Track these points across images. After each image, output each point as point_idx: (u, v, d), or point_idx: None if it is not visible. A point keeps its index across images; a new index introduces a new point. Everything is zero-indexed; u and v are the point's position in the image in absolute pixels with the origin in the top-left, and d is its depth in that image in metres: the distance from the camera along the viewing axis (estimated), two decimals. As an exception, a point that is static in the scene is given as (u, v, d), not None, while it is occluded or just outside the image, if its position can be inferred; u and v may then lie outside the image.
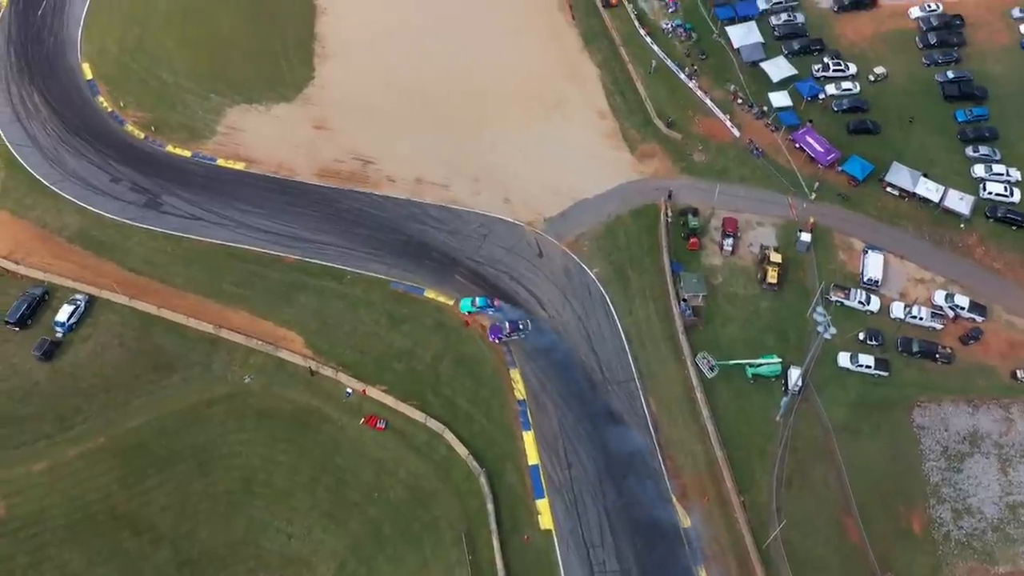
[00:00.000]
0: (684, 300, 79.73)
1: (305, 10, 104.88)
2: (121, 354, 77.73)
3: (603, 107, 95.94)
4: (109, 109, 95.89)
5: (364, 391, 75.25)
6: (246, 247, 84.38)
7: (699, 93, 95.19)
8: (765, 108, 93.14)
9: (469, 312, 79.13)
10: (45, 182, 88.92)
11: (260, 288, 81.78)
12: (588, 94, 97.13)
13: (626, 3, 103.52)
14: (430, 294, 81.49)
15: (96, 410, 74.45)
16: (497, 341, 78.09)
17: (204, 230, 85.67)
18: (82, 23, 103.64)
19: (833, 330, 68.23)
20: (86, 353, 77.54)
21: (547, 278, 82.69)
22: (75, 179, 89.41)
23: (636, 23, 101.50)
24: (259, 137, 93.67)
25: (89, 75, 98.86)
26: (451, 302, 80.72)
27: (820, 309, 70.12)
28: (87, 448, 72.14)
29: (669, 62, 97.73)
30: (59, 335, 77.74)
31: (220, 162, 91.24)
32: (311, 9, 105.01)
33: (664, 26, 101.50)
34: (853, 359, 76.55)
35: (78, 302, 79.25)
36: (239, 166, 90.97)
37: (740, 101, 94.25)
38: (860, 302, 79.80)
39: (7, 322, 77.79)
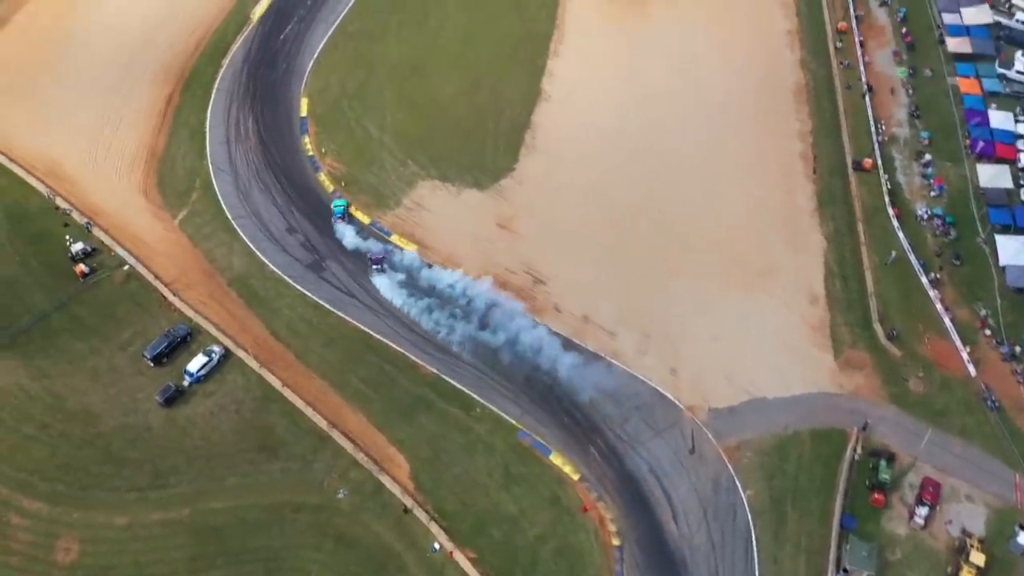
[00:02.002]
0: (844, 571, 65.66)
1: (530, 93, 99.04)
2: (235, 422, 75.23)
3: (818, 290, 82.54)
4: (310, 152, 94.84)
5: (452, 553, 67.87)
6: (388, 342, 79.50)
7: (939, 306, 79.53)
8: (1019, 349, 76.03)
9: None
10: (228, 214, 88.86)
11: (386, 394, 76.57)
12: (804, 269, 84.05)
13: (881, 171, 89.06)
14: (556, 459, 72.71)
15: (192, 475, 72.17)
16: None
17: (353, 310, 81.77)
18: (316, 55, 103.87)
19: None
20: (204, 410, 75.72)
21: (691, 484, 71.33)
22: (255, 218, 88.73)
23: (886, 198, 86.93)
24: (440, 220, 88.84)
25: (304, 111, 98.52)
26: (576, 476, 71.58)
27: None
28: (170, 516, 69.87)
29: (912, 257, 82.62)
30: (186, 384, 76.56)
31: (394, 238, 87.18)
32: (536, 93, 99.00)
33: (919, 211, 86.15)
34: None
35: (213, 354, 77.79)
36: (411, 247, 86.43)
37: (988, 332, 77.69)
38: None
39: (144, 355, 77.66)
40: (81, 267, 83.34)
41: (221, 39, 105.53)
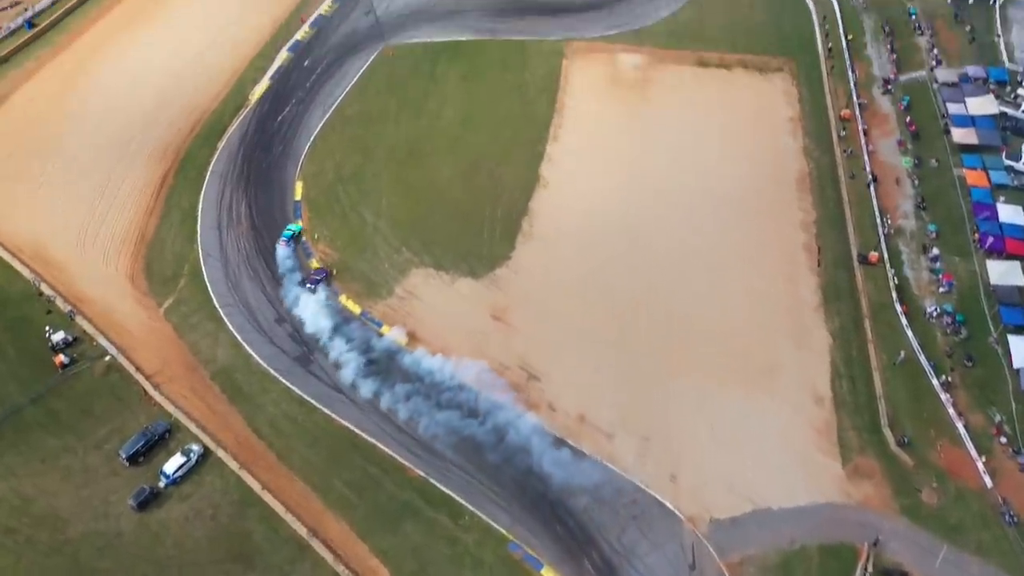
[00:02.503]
0: None
1: (529, 179, 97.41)
2: (210, 528, 71.31)
3: (823, 390, 79.11)
4: (303, 238, 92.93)
5: None
6: (374, 441, 76.05)
7: (951, 411, 75.93)
8: (1037, 459, 72.37)
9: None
10: (216, 303, 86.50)
11: (371, 499, 72.78)
12: (810, 368, 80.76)
13: (887, 265, 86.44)
14: (548, 574, 68.49)
15: (160, 590, 68.33)
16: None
17: (340, 407, 78.52)
18: (313, 138, 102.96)
19: None
20: (178, 515, 71.87)
21: (690, 604, 67.10)
22: (243, 307, 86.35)
23: (893, 294, 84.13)
24: (432, 311, 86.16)
25: (298, 195, 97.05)
26: (568, 595, 67.44)
27: None
28: (130, 640, 65.80)
29: (922, 357, 79.37)
30: (161, 485, 73.02)
31: (384, 330, 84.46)
32: (534, 179, 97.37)
33: (928, 308, 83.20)
34: None
35: (192, 454, 74.42)
36: (401, 340, 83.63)
37: (1004, 440, 73.90)
38: None
39: (119, 454, 74.38)
40: (60, 358, 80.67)
41: (218, 120, 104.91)
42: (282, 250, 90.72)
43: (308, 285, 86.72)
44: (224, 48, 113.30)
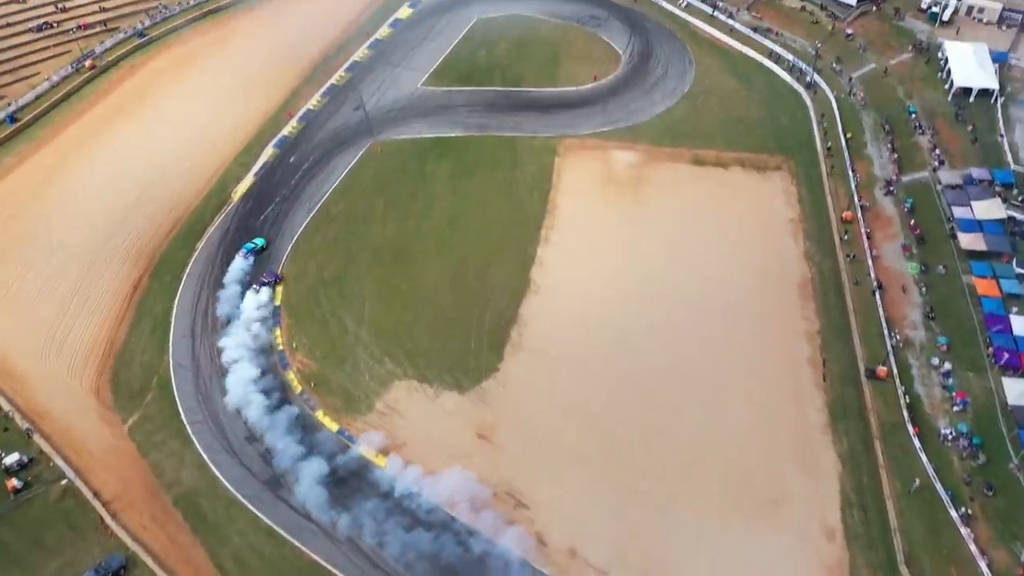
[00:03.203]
0: None
1: (519, 283, 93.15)
2: None
3: (834, 522, 73.25)
4: (280, 346, 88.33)
5: None
6: (346, 580, 70.16)
7: (972, 547, 69.92)
8: (1068, 607, 66.05)
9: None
10: (184, 419, 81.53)
11: (340, 647, 66.59)
12: (818, 497, 74.99)
13: (897, 381, 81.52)
14: None
15: None
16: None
17: (311, 539, 72.61)
18: (295, 238, 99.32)
19: None
20: (128, 665, 65.70)
21: None
22: (212, 424, 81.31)
23: (905, 414, 78.94)
24: (414, 429, 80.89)
25: (278, 300, 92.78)
26: None
27: None
28: None
29: (938, 485, 73.69)
30: (112, 630, 66.91)
31: (362, 450, 79.08)
32: (524, 284, 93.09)
33: (942, 429, 77.93)
34: None
35: (147, 594, 68.45)
36: (380, 460, 78.23)
37: (1033, 584, 67.82)
38: None
39: (69, 594, 68.43)
40: (13, 482, 75.32)
41: (199, 219, 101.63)
42: (239, 261, 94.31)
43: (255, 286, 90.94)
44: (209, 143, 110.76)
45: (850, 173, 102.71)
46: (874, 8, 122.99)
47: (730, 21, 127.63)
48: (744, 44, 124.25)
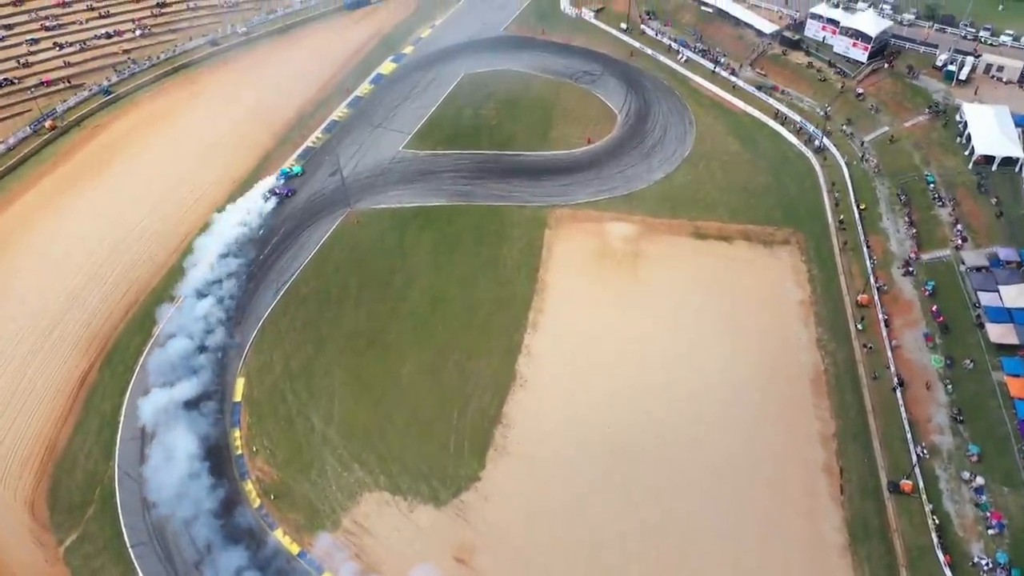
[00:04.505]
0: None
1: (503, 376, 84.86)
2: None
3: (857, 672, 64.51)
4: (239, 451, 79.86)
5: None
6: None
7: None
8: None
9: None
10: (127, 538, 72.82)
11: None
12: (838, 639, 66.32)
13: (923, 496, 72.89)
14: None
15: None
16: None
17: None
18: (261, 322, 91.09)
19: None
20: None
21: None
22: (158, 543, 72.54)
23: (934, 537, 70.27)
24: (385, 552, 72.16)
25: (239, 396, 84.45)
26: None
27: None
28: None
29: (976, 627, 64.98)
30: None
31: (326, 576, 70.56)
32: (510, 377, 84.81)
33: (976, 556, 69.17)
34: None
35: None
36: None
37: None
38: None
39: None
40: (-73, 621, 66.56)
41: (157, 300, 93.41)
42: (270, 179, 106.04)
43: (266, 192, 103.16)
44: (173, 212, 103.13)
45: (865, 250, 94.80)
46: (886, 65, 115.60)
47: (732, 78, 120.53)
48: (748, 103, 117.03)
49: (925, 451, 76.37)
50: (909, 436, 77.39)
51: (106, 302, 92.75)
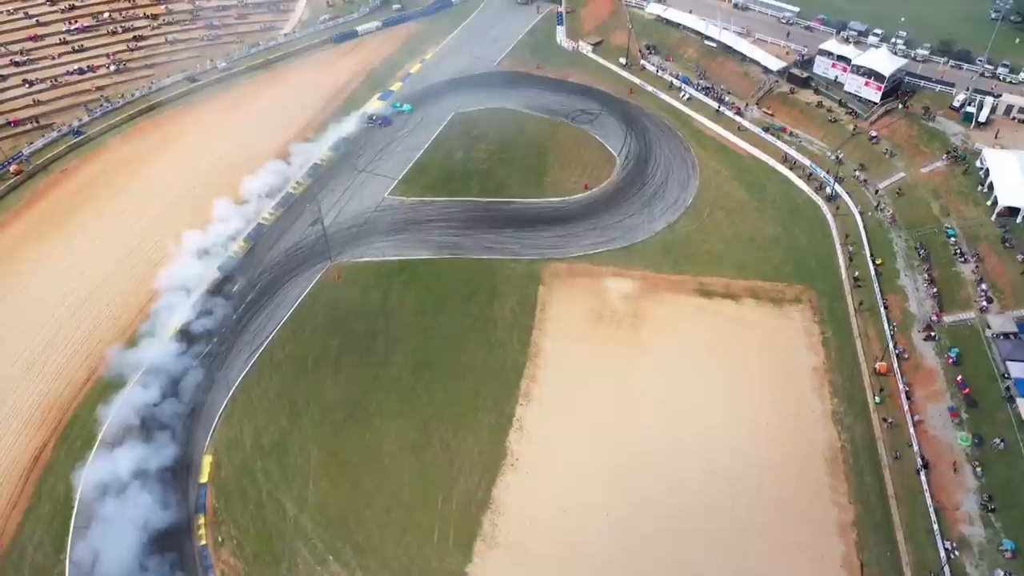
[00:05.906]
0: None
1: (493, 454, 78.18)
2: None
3: None
4: (203, 541, 72.96)
5: None
6: None
7: None
8: None
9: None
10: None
11: None
12: None
13: (953, 596, 66.18)
14: None
15: None
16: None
17: None
18: (232, 391, 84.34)
19: None
20: None
21: None
22: (110, 658, 65.62)
23: (966, 647, 63.41)
24: (360, 663, 65.36)
25: (205, 476, 77.61)
26: None
27: None
28: None
29: None
30: None
31: None
32: (500, 456, 78.11)
33: (1015, 675, 62.41)
34: None
35: None
36: None
37: None
38: None
39: None
40: None
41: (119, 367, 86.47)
42: (377, 103, 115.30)
43: (368, 118, 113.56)
44: (140, 267, 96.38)
45: (882, 311, 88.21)
46: (900, 106, 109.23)
47: (738, 118, 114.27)
48: (754, 145, 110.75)
49: (955, 548, 69.48)
50: (936, 527, 70.57)
51: (66, 369, 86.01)
